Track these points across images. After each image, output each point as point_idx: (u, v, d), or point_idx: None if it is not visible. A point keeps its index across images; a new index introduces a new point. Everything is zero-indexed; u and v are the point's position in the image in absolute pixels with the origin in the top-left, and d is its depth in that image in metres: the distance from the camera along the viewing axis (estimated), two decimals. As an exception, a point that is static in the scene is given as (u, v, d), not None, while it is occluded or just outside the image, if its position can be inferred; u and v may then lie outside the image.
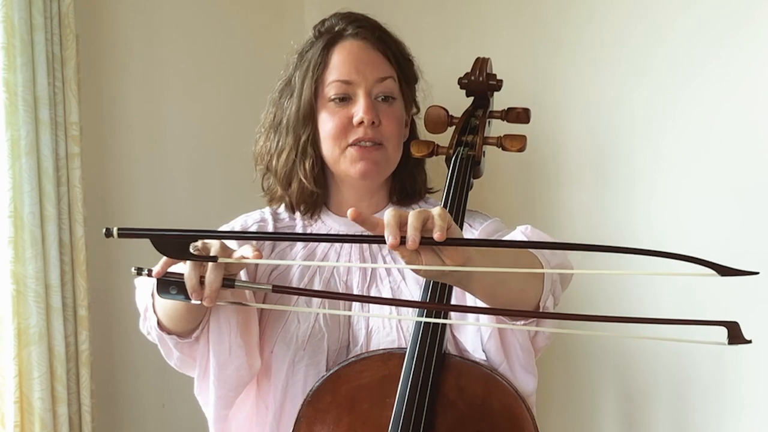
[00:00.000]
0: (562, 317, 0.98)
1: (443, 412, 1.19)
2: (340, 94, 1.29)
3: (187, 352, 1.26)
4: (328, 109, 1.30)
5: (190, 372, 1.29)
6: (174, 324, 1.21)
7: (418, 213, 0.90)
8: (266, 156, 1.37)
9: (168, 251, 0.95)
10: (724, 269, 0.88)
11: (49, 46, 1.95)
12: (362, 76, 1.29)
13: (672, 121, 1.96)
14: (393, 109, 1.32)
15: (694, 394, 1.96)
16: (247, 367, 1.25)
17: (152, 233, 0.93)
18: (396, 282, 1.31)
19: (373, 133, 1.28)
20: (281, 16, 2.59)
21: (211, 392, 1.27)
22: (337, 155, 1.30)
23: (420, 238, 0.88)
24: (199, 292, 1.01)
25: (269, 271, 1.33)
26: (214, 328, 1.22)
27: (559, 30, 2.13)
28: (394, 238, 0.88)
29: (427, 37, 2.30)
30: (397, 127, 1.32)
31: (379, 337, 1.28)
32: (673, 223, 1.96)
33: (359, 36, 1.31)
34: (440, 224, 0.89)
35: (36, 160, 1.91)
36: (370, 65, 1.30)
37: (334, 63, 1.30)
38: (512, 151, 1.32)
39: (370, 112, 1.27)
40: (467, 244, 0.96)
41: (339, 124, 1.29)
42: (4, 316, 1.90)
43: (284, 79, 1.37)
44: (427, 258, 0.91)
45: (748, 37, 1.82)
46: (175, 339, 1.23)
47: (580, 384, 2.16)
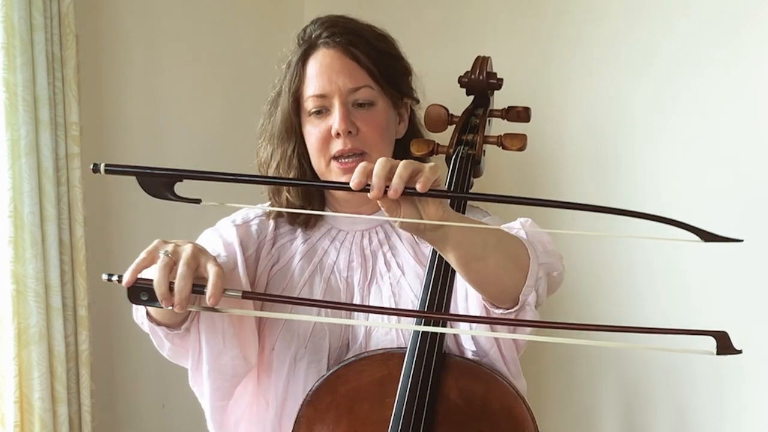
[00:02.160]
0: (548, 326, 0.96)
1: (443, 411, 1.19)
2: (317, 107, 1.29)
3: (178, 343, 1.25)
4: (310, 123, 1.30)
5: (183, 362, 1.28)
6: (161, 316, 1.20)
7: (408, 163, 0.91)
8: (264, 166, 1.38)
9: (153, 190, 0.95)
10: (706, 235, 0.89)
11: (49, 46, 1.95)
12: (335, 86, 1.27)
13: (671, 120, 1.96)
14: (372, 114, 1.30)
15: (694, 394, 1.96)
16: (241, 357, 1.24)
17: (138, 171, 0.95)
18: (396, 277, 1.31)
19: (352, 144, 1.27)
20: (281, 16, 2.59)
21: (205, 383, 1.26)
22: (323, 168, 1.30)
23: (403, 189, 0.89)
24: (169, 299, 0.99)
25: (269, 267, 1.33)
26: (206, 318, 1.21)
27: (560, 29, 2.13)
28: (378, 190, 0.89)
29: (427, 36, 2.30)
30: (379, 131, 1.31)
31: (378, 335, 1.28)
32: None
33: (330, 45, 1.30)
34: (428, 176, 0.90)
35: (36, 160, 1.91)
36: (342, 75, 1.28)
37: (308, 76, 1.29)
38: (513, 150, 1.32)
39: (344, 121, 1.26)
40: (449, 196, 0.96)
41: (320, 137, 1.28)
42: (4, 316, 1.90)
43: (276, 90, 1.37)
44: (406, 210, 0.92)
45: (748, 37, 1.82)
46: (165, 330, 1.22)
47: (580, 384, 2.16)
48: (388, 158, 0.91)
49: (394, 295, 1.30)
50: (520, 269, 1.12)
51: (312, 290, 1.31)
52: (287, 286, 1.32)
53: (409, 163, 0.91)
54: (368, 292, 1.31)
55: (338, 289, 1.32)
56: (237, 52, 2.50)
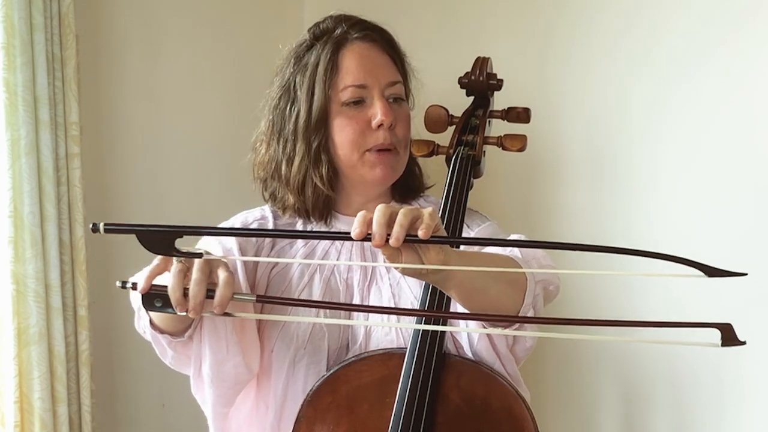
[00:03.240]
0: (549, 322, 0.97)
1: (443, 412, 1.19)
2: (354, 98, 1.28)
3: (181, 351, 1.25)
4: (344, 114, 1.29)
5: (186, 370, 1.29)
6: (165, 324, 1.21)
7: (408, 211, 0.90)
8: (270, 164, 1.35)
9: (154, 247, 0.95)
10: (711, 270, 0.88)
11: (49, 46, 1.95)
12: (375, 79, 1.28)
13: (670, 121, 1.96)
14: (403, 110, 1.33)
15: (694, 394, 1.96)
16: (244, 364, 1.24)
17: (138, 228, 0.94)
18: (395, 279, 1.31)
19: (390, 138, 1.28)
20: (281, 16, 2.59)
21: (207, 391, 1.27)
22: (354, 160, 1.29)
23: (404, 237, 0.89)
24: (183, 304, 1.01)
25: (269, 270, 1.33)
26: (209, 326, 1.21)
27: (559, 29, 2.13)
28: (380, 239, 0.89)
29: (428, 36, 2.30)
30: (408, 128, 1.33)
31: (378, 336, 1.28)
32: (671, 223, 1.97)
33: (367, 38, 1.30)
34: (428, 223, 0.89)
35: (36, 160, 1.90)
36: (381, 68, 1.30)
37: (346, 67, 1.28)
38: (512, 150, 1.32)
39: (389, 114, 1.27)
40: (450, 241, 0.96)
41: (357, 129, 1.28)
42: (4, 316, 1.90)
43: (280, 85, 1.35)
44: (407, 256, 0.92)
45: (746, 35, 1.82)
46: (168, 338, 1.23)
47: (580, 384, 2.16)
48: (386, 205, 0.91)
49: (393, 296, 1.30)
50: (518, 291, 1.13)
51: (311, 291, 1.31)
52: (287, 288, 1.32)
53: (409, 210, 0.90)
54: (368, 293, 1.31)
55: (338, 290, 1.31)
56: (237, 51, 2.50)
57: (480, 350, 1.22)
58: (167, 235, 0.94)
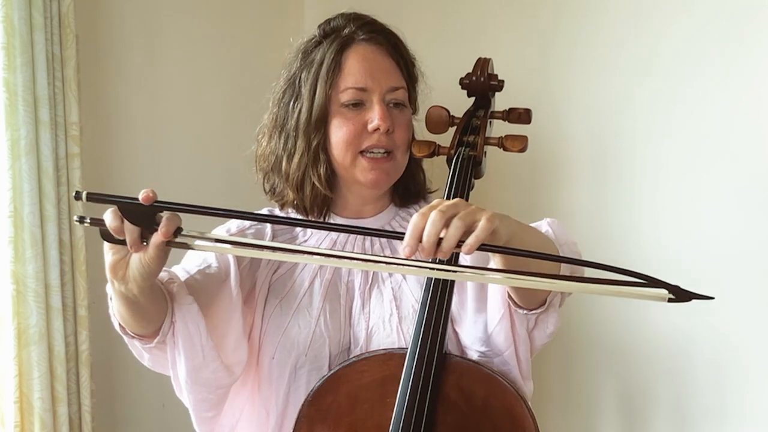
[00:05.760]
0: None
1: (444, 412, 1.19)
2: (354, 100, 1.27)
3: (157, 354, 1.25)
4: (341, 115, 1.28)
5: (166, 372, 1.29)
6: (128, 325, 1.20)
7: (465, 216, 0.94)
8: (271, 157, 1.35)
9: (135, 219, 0.98)
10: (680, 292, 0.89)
11: (49, 46, 1.95)
12: (377, 83, 1.27)
13: (673, 121, 1.96)
14: (403, 115, 1.31)
15: (694, 394, 1.96)
16: (223, 368, 1.24)
17: (120, 200, 0.97)
18: (397, 282, 1.31)
19: (386, 141, 1.28)
20: (281, 16, 2.59)
21: (186, 395, 1.26)
22: (348, 162, 1.29)
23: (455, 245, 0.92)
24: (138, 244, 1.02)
25: (270, 275, 1.33)
26: (183, 332, 1.20)
27: (561, 30, 2.13)
28: (410, 249, 0.92)
29: (429, 37, 2.30)
30: (408, 134, 1.32)
31: (379, 338, 1.28)
32: (675, 223, 1.97)
33: (373, 41, 1.30)
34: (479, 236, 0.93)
35: (36, 160, 1.90)
36: (384, 72, 1.29)
37: (348, 68, 1.28)
38: (513, 151, 1.32)
39: (386, 119, 1.26)
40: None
41: (353, 130, 1.27)
42: (4, 316, 1.90)
43: (287, 78, 1.34)
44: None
45: (750, 37, 1.82)
46: (139, 343, 1.23)
47: (580, 384, 2.16)
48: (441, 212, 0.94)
49: (395, 299, 1.29)
50: (553, 269, 1.12)
51: (312, 296, 1.31)
52: (287, 293, 1.31)
53: (466, 214, 0.94)
54: (369, 296, 1.31)
55: (339, 293, 1.31)
56: (237, 51, 2.49)
57: (497, 332, 1.21)
58: (148, 209, 0.97)
